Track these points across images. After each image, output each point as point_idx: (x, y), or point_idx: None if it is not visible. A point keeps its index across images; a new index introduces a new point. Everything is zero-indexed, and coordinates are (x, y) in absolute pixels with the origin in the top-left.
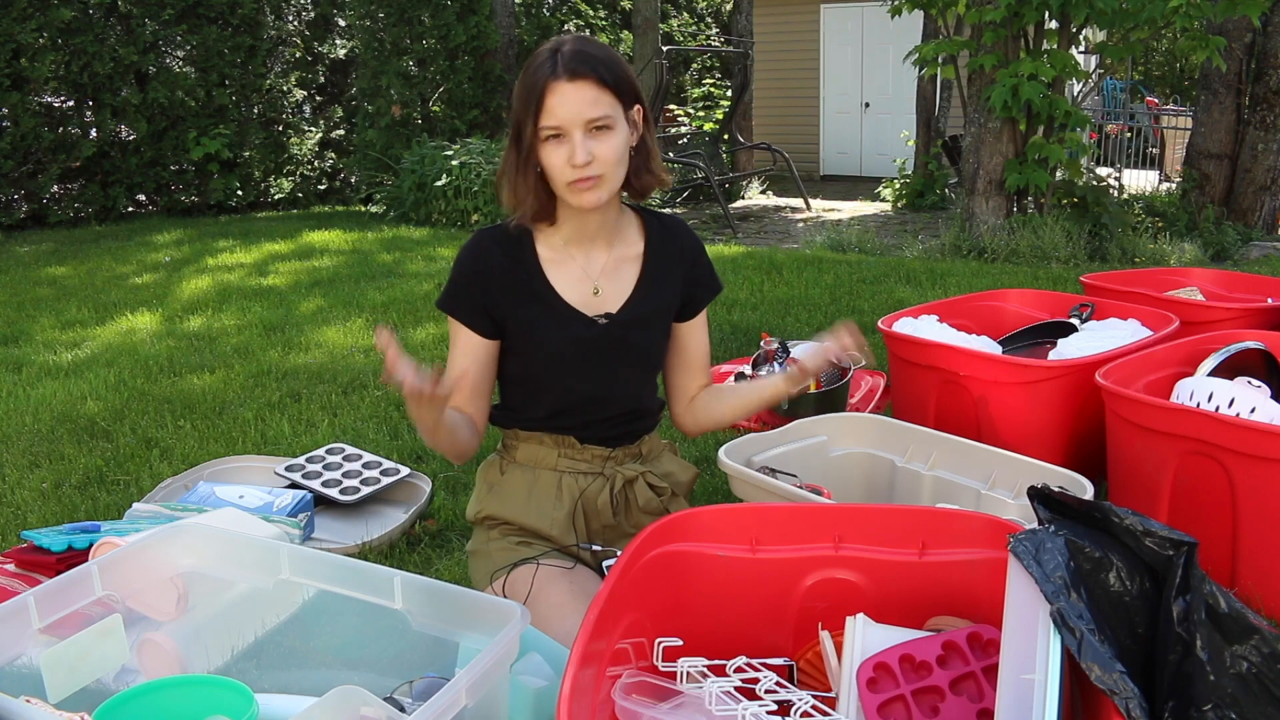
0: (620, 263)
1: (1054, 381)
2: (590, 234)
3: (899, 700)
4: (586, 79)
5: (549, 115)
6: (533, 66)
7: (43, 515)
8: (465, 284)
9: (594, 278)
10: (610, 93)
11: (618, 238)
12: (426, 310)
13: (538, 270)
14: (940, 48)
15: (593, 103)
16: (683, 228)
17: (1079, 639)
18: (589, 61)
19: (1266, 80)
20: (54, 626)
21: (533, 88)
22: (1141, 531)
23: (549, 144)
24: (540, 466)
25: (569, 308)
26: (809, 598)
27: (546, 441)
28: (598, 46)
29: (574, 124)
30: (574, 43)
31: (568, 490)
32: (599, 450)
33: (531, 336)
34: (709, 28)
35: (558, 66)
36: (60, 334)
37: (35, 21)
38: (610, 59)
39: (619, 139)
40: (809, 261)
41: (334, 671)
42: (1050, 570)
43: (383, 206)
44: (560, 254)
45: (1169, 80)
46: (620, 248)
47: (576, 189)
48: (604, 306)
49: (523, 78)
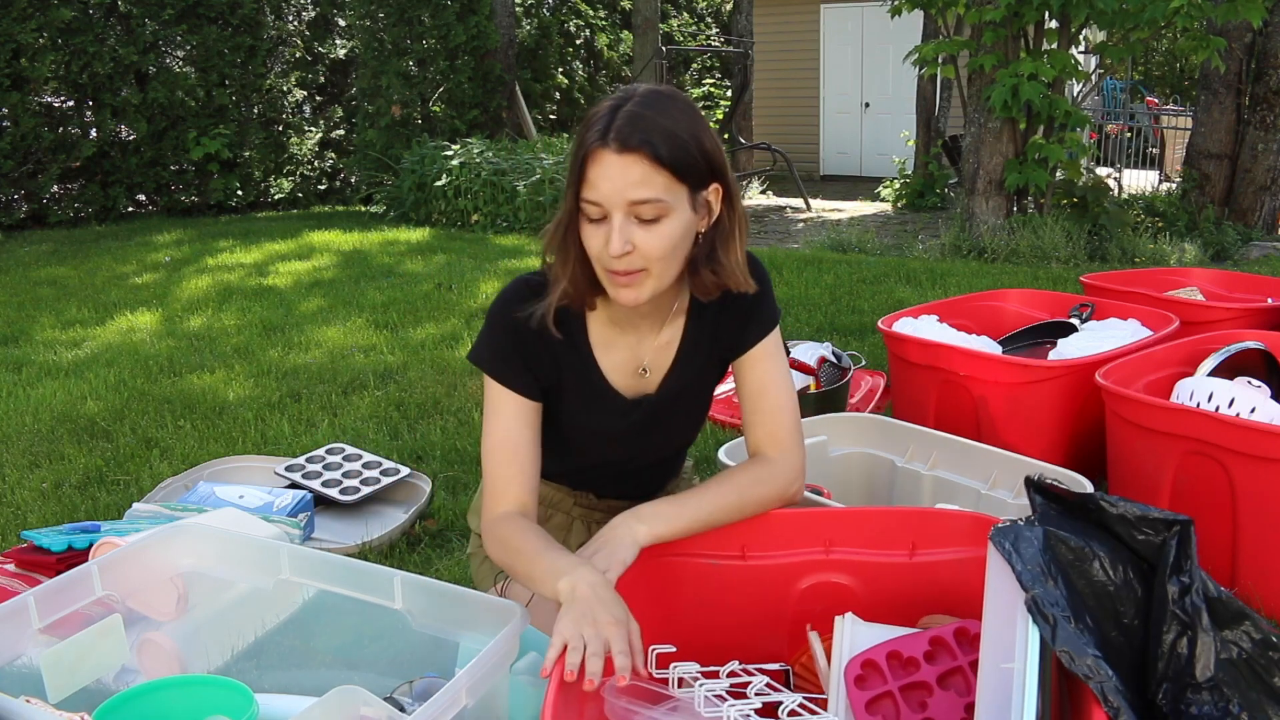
0: (670, 335)
1: (1054, 381)
2: (641, 315)
3: (887, 696)
4: (637, 152)
5: (590, 188)
6: (588, 123)
7: (43, 515)
8: (512, 344)
9: (642, 359)
10: (667, 172)
11: (675, 308)
12: (426, 310)
13: (587, 350)
14: (940, 48)
15: (640, 183)
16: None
17: (1053, 626)
18: (647, 131)
19: (1266, 80)
20: (54, 626)
21: (579, 151)
22: (1135, 517)
23: (589, 222)
24: (556, 509)
25: (614, 392)
26: (802, 602)
27: (563, 490)
28: (667, 110)
29: (614, 204)
30: (638, 101)
31: (577, 535)
32: (618, 504)
33: (569, 412)
34: (709, 28)
35: (609, 132)
36: (60, 334)
37: (35, 21)
38: (678, 129)
39: (672, 229)
40: (809, 261)
41: (334, 671)
42: (1028, 560)
43: (383, 206)
44: (609, 332)
45: (1169, 80)
46: (674, 320)
47: (613, 281)
48: (646, 387)
49: (578, 132)
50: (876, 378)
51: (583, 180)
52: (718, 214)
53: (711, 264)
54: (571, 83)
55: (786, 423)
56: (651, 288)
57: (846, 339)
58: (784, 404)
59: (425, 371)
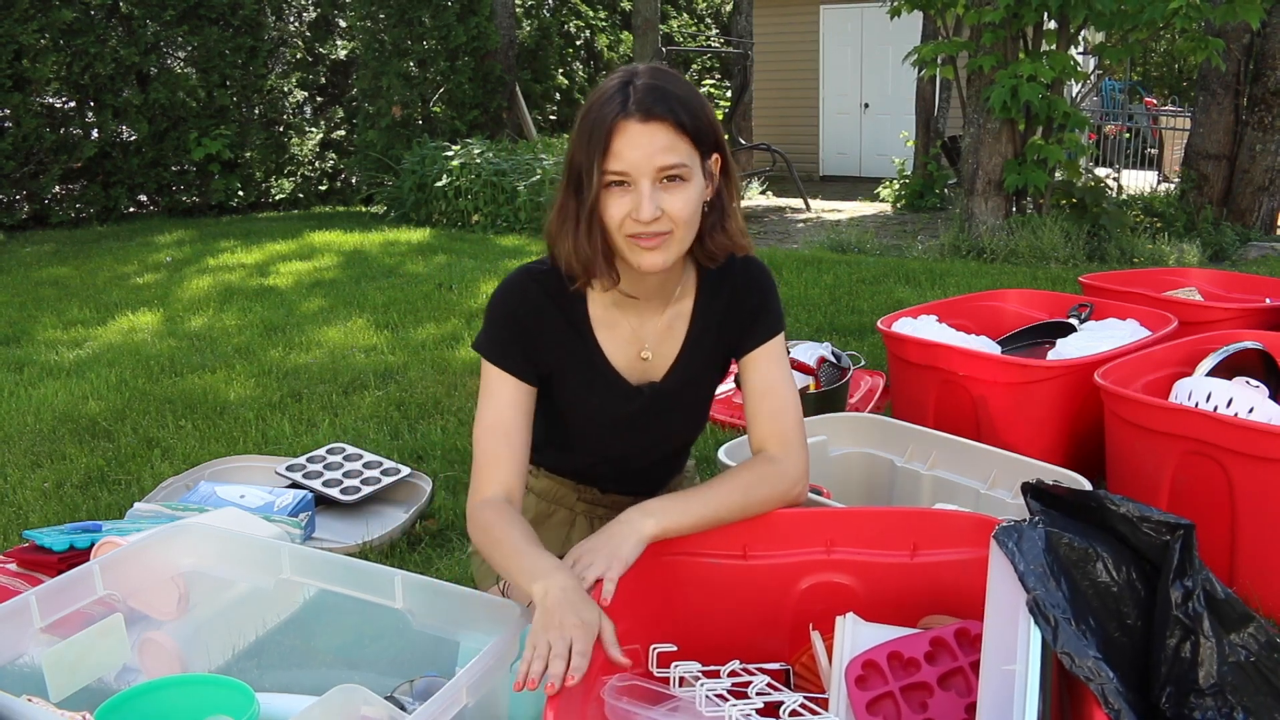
0: (673, 320)
1: (1053, 381)
2: (647, 294)
3: (888, 697)
4: (662, 120)
5: (615, 159)
6: (599, 100)
7: (44, 515)
8: (510, 331)
9: (645, 341)
10: (688, 139)
11: (677, 291)
12: (427, 310)
13: (588, 330)
14: (939, 48)
15: (667, 149)
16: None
17: (1054, 627)
18: (666, 100)
19: (1265, 81)
20: (55, 626)
21: (598, 125)
22: (1137, 518)
23: (611, 191)
24: (558, 504)
25: (616, 375)
26: (803, 602)
27: (567, 484)
28: (676, 82)
29: (643, 172)
30: (649, 75)
31: (580, 531)
32: (622, 499)
33: (571, 397)
34: (709, 28)
35: (629, 103)
36: (62, 334)
37: (37, 23)
38: (690, 99)
39: (693, 192)
40: (809, 262)
41: (335, 670)
42: (1030, 561)
43: (383, 207)
44: (611, 313)
45: (1167, 81)
46: (676, 304)
47: (638, 247)
48: (651, 373)
49: (586, 113)
50: (876, 378)
51: (607, 152)
52: (718, 184)
53: (717, 230)
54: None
55: (791, 423)
56: (675, 251)
57: (846, 339)
58: (789, 406)
59: (426, 371)
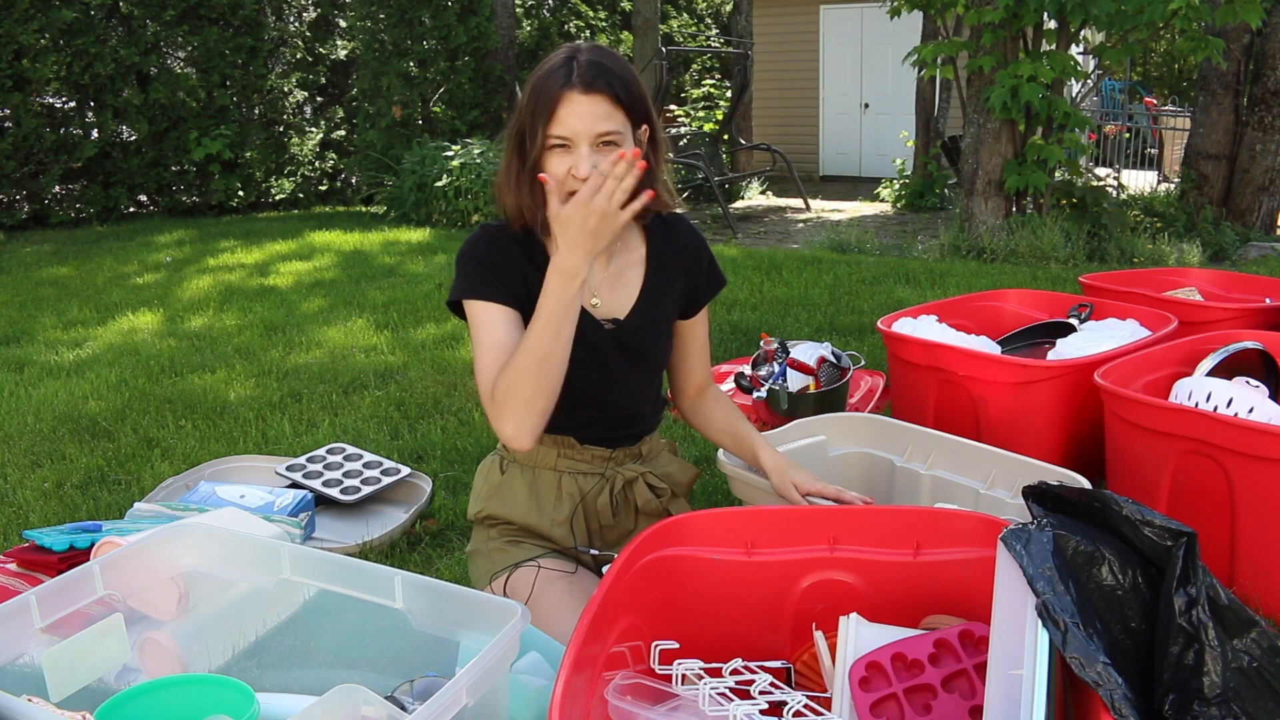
0: (623, 269)
1: (1053, 381)
2: None
3: (891, 699)
4: (601, 93)
5: (559, 125)
6: (545, 73)
7: (44, 515)
8: (481, 267)
9: (592, 288)
10: (622, 110)
11: (618, 247)
12: (427, 310)
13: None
14: (939, 49)
15: (604, 118)
16: (684, 225)
17: (1064, 632)
18: (605, 75)
19: (1264, 81)
20: (56, 626)
21: (544, 95)
22: (1140, 520)
23: (554, 153)
24: (540, 466)
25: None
26: (805, 600)
27: (545, 442)
28: (614, 60)
29: (583, 137)
30: (590, 52)
31: (568, 491)
32: (599, 451)
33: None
34: (709, 28)
35: (573, 76)
36: (62, 334)
37: (37, 23)
38: (626, 75)
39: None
40: (809, 262)
41: (335, 671)
42: (1039, 564)
43: (383, 207)
44: None
45: (1167, 81)
46: (622, 255)
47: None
48: (608, 314)
49: (533, 83)
50: (876, 378)
51: (552, 118)
52: (645, 150)
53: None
54: None
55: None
56: None
57: (846, 339)
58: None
59: (426, 371)
